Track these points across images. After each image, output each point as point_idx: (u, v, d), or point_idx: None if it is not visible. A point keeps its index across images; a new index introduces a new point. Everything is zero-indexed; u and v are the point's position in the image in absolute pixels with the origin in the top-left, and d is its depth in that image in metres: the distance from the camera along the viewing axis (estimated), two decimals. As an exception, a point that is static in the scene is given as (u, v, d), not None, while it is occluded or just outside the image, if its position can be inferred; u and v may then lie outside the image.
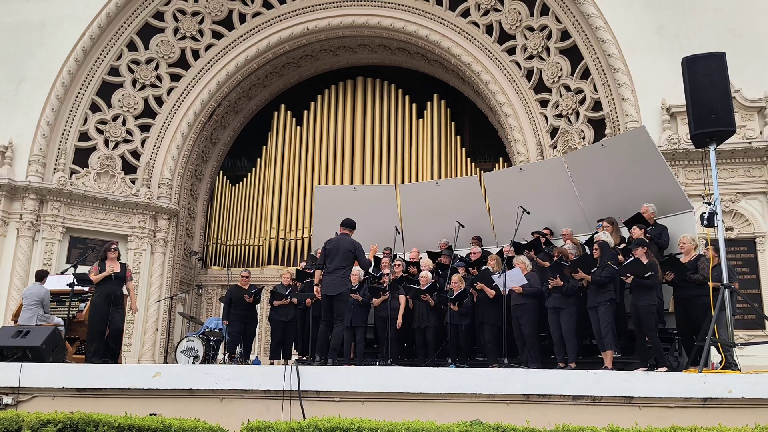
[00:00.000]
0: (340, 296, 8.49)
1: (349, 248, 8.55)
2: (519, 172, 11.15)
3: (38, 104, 16.29)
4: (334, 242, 8.67)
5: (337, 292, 8.46)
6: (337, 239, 8.71)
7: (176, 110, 17.90)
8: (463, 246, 10.80)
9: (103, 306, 8.93)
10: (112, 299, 8.97)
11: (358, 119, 19.61)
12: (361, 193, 12.14)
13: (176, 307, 17.00)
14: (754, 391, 5.82)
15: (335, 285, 8.46)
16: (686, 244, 8.19)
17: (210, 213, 19.99)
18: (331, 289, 8.47)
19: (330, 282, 8.49)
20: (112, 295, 9.00)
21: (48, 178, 16.15)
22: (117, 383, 6.79)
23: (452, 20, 16.96)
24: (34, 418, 5.12)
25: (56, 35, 16.73)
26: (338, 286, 8.47)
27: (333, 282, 8.47)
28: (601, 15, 14.57)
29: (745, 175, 13.34)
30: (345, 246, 8.55)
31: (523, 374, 6.39)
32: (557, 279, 8.41)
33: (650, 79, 14.01)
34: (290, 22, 17.90)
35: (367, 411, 6.01)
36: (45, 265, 15.44)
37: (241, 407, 6.52)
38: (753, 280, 12.88)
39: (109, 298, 8.95)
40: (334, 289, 8.46)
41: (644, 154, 9.03)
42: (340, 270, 8.50)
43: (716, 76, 7.48)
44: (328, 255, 8.57)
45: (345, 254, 8.51)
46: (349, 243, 8.61)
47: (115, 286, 9.08)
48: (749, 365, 9.11)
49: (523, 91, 16.34)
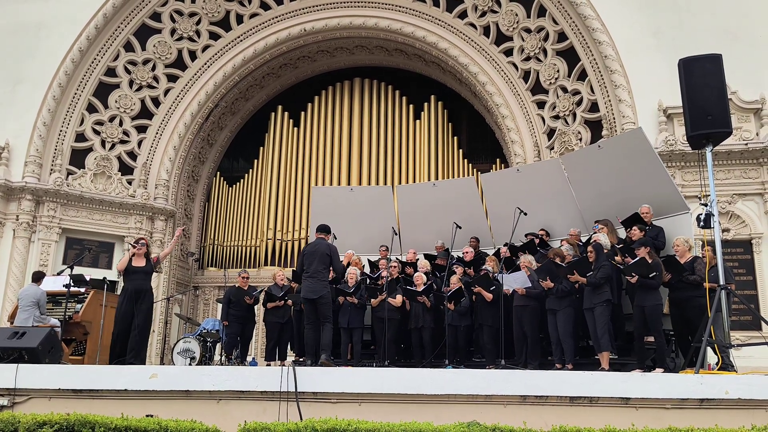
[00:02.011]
0: (322, 299, 8.73)
1: (326, 252, 8.83)
2: (516, 173, 11.16)
3: (35, 105, 16.25)
4: (311, 247, 8.95)
5: (318, 295, 8.69)
6: (314, 244, 8.99)
7: (173, 111, 17.88)
8: (460, 247, 10.80)
9: (126, 305, 8.72)
10: (136, 296, 8.74)
11: (356, 120, 19.61)
12: (358, 194, 12.14)
13: (173, 308, 16.99)
14: (750, 393, 5.84)
15: (316, 288, 8.70)
16: (680, 247, 8.18)
17: (207, 214, 19.97)
18: (311, 293, 8.70)
19: (309, 286, 8.72)
20: (135, 292, 8.77)
21: (44, 179, 16.11)
22: (113, 384, 6.77)
23: (449, 22, 16.98)
24: (30, 420, 5.11)
25: (53, 36, 16.70)
26: (319, 289, 8.70)
27: (313, 285, 8.71)
28: (598, 17, 14.60)
29: (742, 176, 13.38)
30: (321, 250, 8.82)
31: (520, 375, 6.39)
32: (547, 281, 8.43)
33: (647, 81, 14.04)
34: (287, 23, 17.90)
35: (364, 412, 6.00)
36: (41, 266, 15.41)
37: (238, 408, 6.52)
38: (749, 281, 12.91)
39: (132, 295, 8.74)
40: (315, 292, 8.69)
41: (641, 155, 9.05)
42: (319, 273, 8.73)
43: (713, 78, 7.50)
44: (306, 260, 8.82)
45: (322, 258, 8.76)
46: (326, 247, 8.90)
47: (138, 282, 8.84)
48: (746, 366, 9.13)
49: (520, 92, 16.36)
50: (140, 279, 8.89)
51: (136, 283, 8.84)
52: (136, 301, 8.75)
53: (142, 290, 8.86)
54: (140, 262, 8.99)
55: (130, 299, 8.75)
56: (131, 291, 8.80)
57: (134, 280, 8.86)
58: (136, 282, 8.85)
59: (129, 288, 8.85)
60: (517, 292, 8.85)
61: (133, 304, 8.73)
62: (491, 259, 9.86)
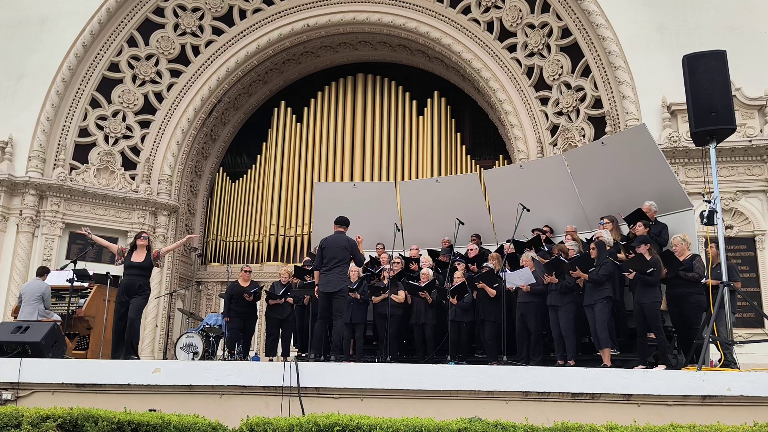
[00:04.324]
0: (340, 293, 8.58)
1: (345, 245, 8.68)
2: (519, 169, 11.14)
3: (38, 100, 16.27)
4: (330, 240, 8.77)
5: (337, 289, 8.54)
6: (333, 237, 8.81)
7: (176, 106, 17.88)
8: (463, 243, 10.80)
9: (121, 298, 8.71)
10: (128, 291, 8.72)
11: (359, 116, 19.59)
12: (361, 190, 12.14)
13: (176, 303, 17.01)
14: (753, 389, 5.84)
15: (334, 282, 8.55)
16: (678, 246, 8.17)
17: (210, 209, 19.98)
18: (330, 286, 8.54)
19: (328, 279, 8.57)
20: (127, 286, 8.75)
21: (48, 174, 16.14)
22: (116, 379, 6.80)
23: (453, 17, 16.94)
24: (33, 414, 5.12)
25: (56, 31, 16.70)
26: (337, 283, 8.56)
27: (332, 279, 8.56)
28: (602, 13, 14.55)
29: (745, 173, 13.34)
30: (341, 243, 8.67)
31: (522, 371, 6.39)
32: (552, 276, 8.43)
33: (651, 77, 14.00)
34: (290, 18, 17.87)
35: (366, 408, 6.01)
36: (45, 261, 15.45)
37: (241, 403, 6.53)
38: (752, 278, 12.89)
39: (127, 289, 8.73)
40: (334, 285, 8.54)
41: (644, 152, 9.03)
42: (338, 267, 8.59)
43: (717, 75, 7.48)
44: (325, 253, 8.66)
45: (341, 251, 8.61)
46: (345, 240, 8.74)
47: (134, 277, 8.80)
48: (748, 363, 9.14)
49: (523, 88, 16.33)
50: (134, 274, 8.83)
51: (130, 278, 8.83)
52: (128, 295, 8.73)
53: (135, 285, 8.78)
54: (139, 257, 8.95)
55: (122, 294, 8.76)
56: (124, 285, 8.82)
57: (129, 275, 8.86)
58: (130, 277, 8.84)
59: (123, 282, 8.88)
60: (522, 288, 8.85)
61: (126, 299, 8.71)
62: (494, 256, 9.85)
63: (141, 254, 8.97)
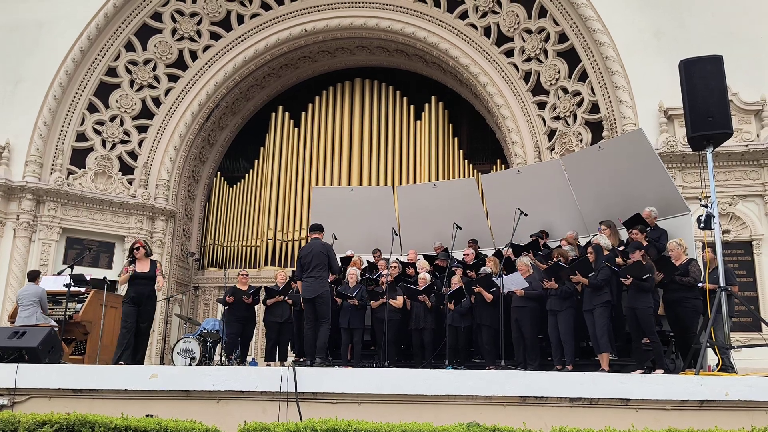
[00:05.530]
0: (320, 297, 8.80)
1: (322, 251, 8.93)
2: (516, 174, 11.16)
3: (35, 104, 16.25)
4: (307, 248, 9.02)
5: (317, 294, 8.77)
6: (309, 244, 9.07)
7: (174, 111, 17.88)
8: (460, 248, 10.80)
9: (131, 309, 8.71)
10: (138, 301, 8.74)
11: (356, 121, 19.61)
12: (359, 194, 12.14)
13: (173, 308, 16.98)
14: (750, 394, 5.83)
15: (314, 287, 8.79)
16: (673, 251, 8.19)
17: (207, 214, 19.97)
18: (310, 291, 8.79)
19: (308, 285, 8.80)
20: (139, 297, 8.77)
21: (45, 179, 16.12)
22: (114, 384, 6.78)
23: (450, 22, 16.98)
24: (30, 419, 5.11)
25: (54, 35, 16.70)
26: (317, 288, 8.79)
27: (311, 285, 8.79)
28: (599, 18, 14.60)
29: (742, 177, 13.37)
30: (318, 249, 8.91)
31: (520, 376, 6.39)
32: (552, 281, 8.43)
33: (647, 82, 14.05)
34: (288, 23, 17.90)
35: (364, 412, 6.00)
36: (41, 265, 15.41)
37: (238, 409, 6.52)
38: (750, 283, 12.91)
39: (136, 300, 8.74)
40: (313, 291, 8.77)
41: (641, 156, 9.04)
42: (317, 272, 8.81)
43: (713, 79, 7.50)
44: (304, 261, 8.90)
45: (318, 257, 8.85)
46: (321, 246, 9.00)
47: (141, 287, 8.83)
48: (746, 368, 9.13)
49: (520, 93, 16.36)
50: (142, 284, 8.87)
51: (138, 288, 8.83)
52: (138, 304, 8.76)
53: (146, 295, 8.86)
54: (143, 266, 8.97)
55: (135, 304, 8.77)
56: (132, 297, 8.81)
57: (136, 285, 8.85)
58: (138, 287, 8.83)
59: (130, 294, 8.86)
60: (515, 293, 8.83)
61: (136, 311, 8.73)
62: (491, 260, 9.85)
63: (144, 264, 9.00)
